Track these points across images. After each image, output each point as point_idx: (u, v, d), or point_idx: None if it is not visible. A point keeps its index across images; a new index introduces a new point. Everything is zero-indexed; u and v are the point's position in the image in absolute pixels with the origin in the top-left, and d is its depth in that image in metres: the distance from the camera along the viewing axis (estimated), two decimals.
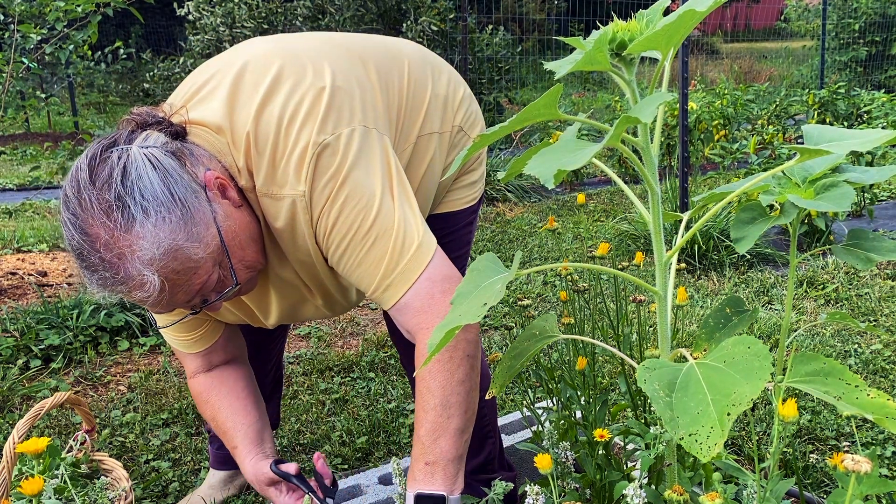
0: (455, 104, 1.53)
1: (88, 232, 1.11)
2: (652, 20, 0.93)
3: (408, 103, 1.43)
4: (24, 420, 1.44)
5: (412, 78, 1.45)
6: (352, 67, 1.36)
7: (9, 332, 2.91)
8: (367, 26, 7.46)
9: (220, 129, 1.25)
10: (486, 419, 1.69)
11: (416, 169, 1.45)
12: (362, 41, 1.47)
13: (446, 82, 1.53)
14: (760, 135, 6.23)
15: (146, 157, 1.13)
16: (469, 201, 1.60)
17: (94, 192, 1.10)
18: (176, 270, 1.14)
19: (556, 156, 0.85)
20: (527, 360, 1.07)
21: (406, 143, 1.42)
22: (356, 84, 1.33)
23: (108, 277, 1.12)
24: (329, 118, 1.25)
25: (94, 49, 4.65)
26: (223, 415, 1.55)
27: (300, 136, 1.22)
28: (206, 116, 1.26)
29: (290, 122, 1.23)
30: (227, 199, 1.22)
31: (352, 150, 1.24)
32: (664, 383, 0.84)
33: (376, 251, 1.24)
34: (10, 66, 3.66)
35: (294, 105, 1.24)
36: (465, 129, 1.54)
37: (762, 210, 1.09)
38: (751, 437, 2.14)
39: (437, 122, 1.48)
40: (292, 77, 1.28)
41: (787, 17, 12.92)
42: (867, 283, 3.39)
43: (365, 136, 1.28)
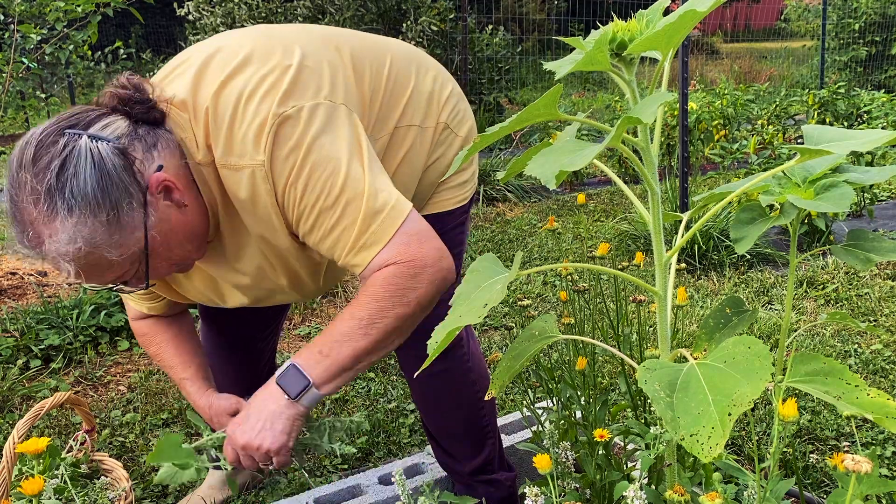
0: (441, 101, 1.52)
1: (18, 205, 1.16)
2: (652, 20, 0.93)
3: (386, 92, 1.43)
4: (23, 420, 1.44)
5: (393, 70, 1.46)
6: (325, 51, 1.37)
7: (9, 332, 2.91)
8: (367, 26, 7.46)
9: (184, 104, 1.26)
10: (485, 419, 1.69)
11: (391, 158, 1.44)
12: (344, 32, 1.48)
13: (432, 79, 1.53)
14: (760, 135, 6.23)
15: (90, 153, 1.14)
16: (459, 201, 1.59)
17: (30, 175, 1.13)
18: (90, 264, 1.18)
19: (557, 156, 0.85)
20: (526, 360, 1.07)
21: (382, 130, 1.42)
22: (327, 65, 1.34)
23: (27, 249, 1.17)
24: (293, 93, 1.26)
25: (94, 49, 4.65)
26: (169, 353, 1.58)
27: (260, 107, 1.23)
28: (171, 93, 1.28)
29: (250, 95, 1.25)
30: (171, 201, 1.23)
31: (315, 121, 1.25)
32: (665, 384, 0.84)
33: (348, 216, 1.23)
34: (10, 66, 3.66)
35: (257, 80, 1.26)
36: (452, 127, 1.53)
37: (762, 210, 1.09)
38: (751, 437, 2.14)
39: (419, 116, 1.47)
40: (260, 56, 1.30)
41: (787, 17, 12.93)
42: (867, 283, 3.39)
43: (332, 110, 1.28)
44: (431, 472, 1.82)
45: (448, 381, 1.63)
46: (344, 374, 1.27)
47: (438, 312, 1.56)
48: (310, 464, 2.13)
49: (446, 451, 1.72)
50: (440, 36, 7.59)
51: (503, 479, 1.73)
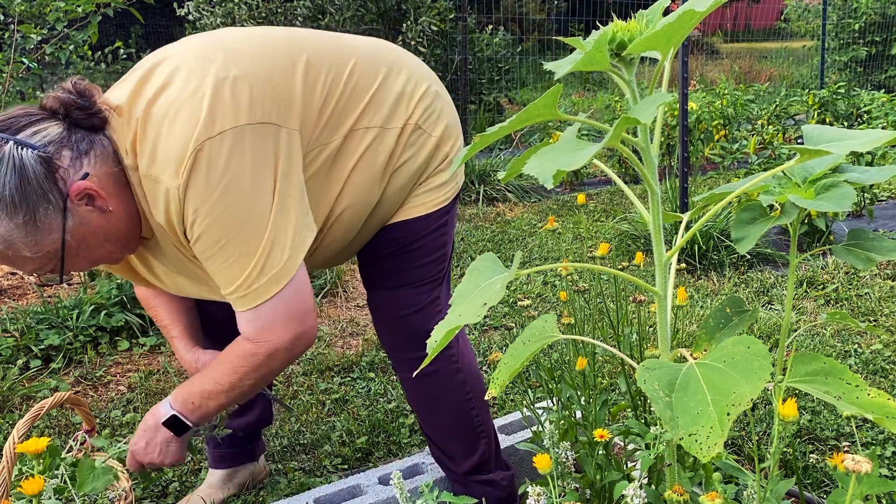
0: (412, 102, 1.51)
1: None
2: (652, 20, 0.93)
3: (342, 96, 1.44)
4: (24, 420, 1.44)
5: (355, 73, 1.46)
6: (274, 60, 1.38)
7: (9, 332, 2.91)
8: (367, 26, 7.46)
9: (120, 109, 1.32)
10: (477, 419, 1.69)
11: (345, 161, 1.45)
12: (308, 38, 1.49)
13: (404, 80, 1.52)
14: (760, 135, 6.23)
15: (13, 159, 1.21)
16: (438, 204, 1.58)
17: None
18: (7, 257, 1.28)
19: (555, 156, 0.85)
20: (526, 360, 1.07)
21: (334, 134, 1.43)
22: (271, 76, 1.35)
23: None
24: (220, 112, 1.28)
25: (94, 49, 4.65)
26: (162, 313, 1.68)
27: (185, 128, 1.27)
28: (111, 98, 1.34)
29: (177, 112, 1.28)
30: (94, 206, 1.29)
31: (237, 150, 1.29)
32: (664, 383, 0.84)
33: (238, 267, 1.32)
34: (10, 66, 3.66)
35: (186, 97, 1.29)
36: (425, 128, 1.52)
37: (763, 210, 1.09)
38: (751, 437, 2.14)
39: (380, 118, 1.47)
40: (197, 70, 1.32)
41: (787, 17, 12.92)
42: (867, 283, 3.39)
43: (255, 134, 1.31)
44: (431, 473, 1.82)
45: (438, 382, 1.63)
46: (215, 413, 1.51)
47: (422, 316, 1.58)
48: (310, 464, 2.14)
49: (442, 451, 1.72)
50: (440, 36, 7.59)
51: (499, 479, 1.73)
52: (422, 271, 1.59)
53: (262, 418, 1.96)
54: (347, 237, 1.53)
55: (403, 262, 1.58)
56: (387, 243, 1.57)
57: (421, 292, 1.58)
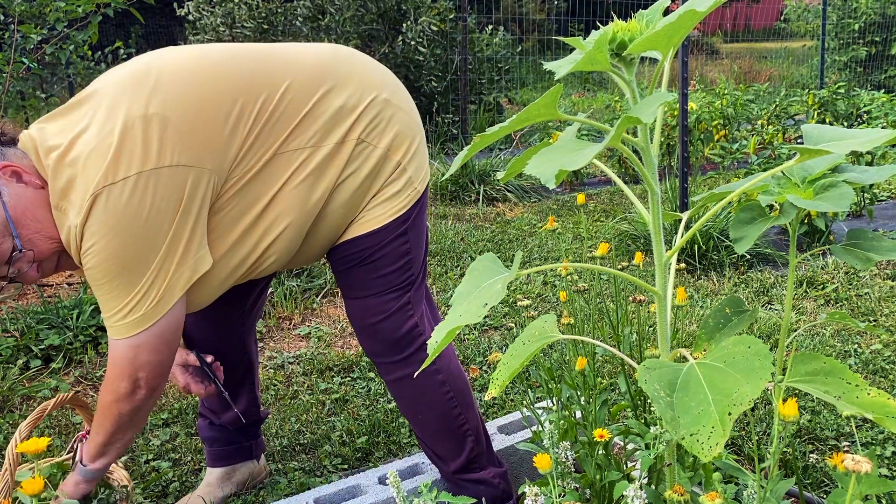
0: (353, 116, 1.50)
1: None
2: (652, 20, 0.94)
3: (267, 123, 1.44)
4: (26, 422, 1.45)
5: (287, 96, 1.45)
6: (196, 90, 1.40)
7: (9, 332, 2.91)
8: (368, 26, 7.46)
9: (33, 137, 1.41)
10: (461, 418, 1.68)
11: (271, 183, 1.46)
12: (242, 60, 1.49)
13: (347, 94, 1.50)
14: (760, 135, 6.23)
15: None
16: (394, 213, 1.56)
17: None
18: None
19: (556, 156, 0.85)
20: (526, 360, 1.07)
21: (252, 160, 1.44)
22: (186, 109, 1.38)
23: None
24: (124, 157, 1.34)
25: (94, 49, 4.65)
26: None
27: (92, 169, 1.33)
28: (33, 127, 1.44)
29: (91, 152, 1.35)
30: (24, 182, 1.38)
31: (136, 197, 1.35)
32: (664, 383, 0.84)
33: (112, 301, 1.42)
34: (10, 66, 3.66)
35: (102, 136, 1.35)
36: (369, 140, 1.51)
37: (761, 210, 1.09)
38: (751, 437, 2.14)
39: (313, 137, 1.47)
40: (115, 106, 1.37)
41: (787, 17, 12.92)
42: (867, 283, 3.39)
43: (158, 178, 1.36)
44: (430, 473, 1.82)
45: (416, 384, 1.63)
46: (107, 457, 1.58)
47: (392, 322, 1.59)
48: (310, 464, 2.14)
49: (432, 451, 1.73)
50: (440, 36, 7.59)
51: (491, 477, 1.72)
52: (386, 280, 1.59)
53: (249, 410, 1.95)
54: (292, 250, 1.54)
55: (367, 273, 1.58)
56: (348, 257, 1.59)
57: (388, 300, 1.59)
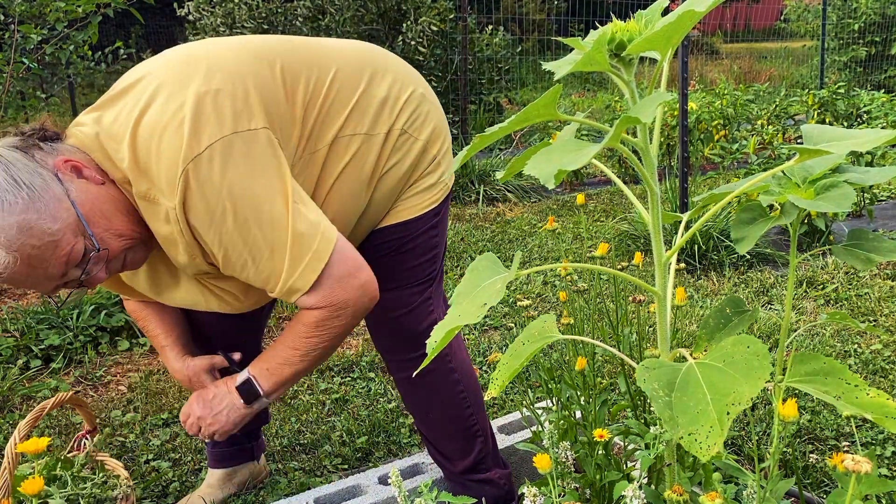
0: (397, 107, 1.51)
1: None
2: (651, 20, 0.94)
3: (325, 104, 1.43)
4: (25, 421, 1.44)
5: (338, 80, 1.45)
6: (253, 69, 1.38)
7: (9, 332, 2.91)
8: (367, 26, 7.46)
9: (97, 133, 1.32)
10: (472, 419, 1.68)
11: (332, 168, 1.45)
12: (286, 46, 1.48)
13: (388, 85, 1.51)
14: (760, 135, 6.22)
15: None
16: (428, 205, 1.57)
17: None
18: (35, 246, 1.22)
19: (556, 156, 0.85)
20: (526, 360, 1.07)
21: (320, 142, 1.43)
22: (251, 85, 1.35)
23: None
24: (203, 127, 1.28)
25: (94, 49, 4.65)
26: (153, 323, 1.66)
27: (171, 146, 1.27)
28: (87, 119, 1.35)
29: (162, 131, 1.28)
30: (84, 178, 1.29)
31: (229, 159, 1.28)
32: (663, 383, 0.84)
33: (274, 262, 1.32)
34: (10, 66, 3.66)
35: (169, 115, 1.28)
36: (410, 132, 1.52)
37: (762, 210, 1.09)
38: (751, 437, 2.14)
39: (366, 124, 1.47)
40: (178, 86, 1.32)
41: (787, 17, 12.92)
42: (867, 284, 3.39)
43: (245, 141, 1.31)
44: (431, 472, 1.82)
45: (432, 382, 1.63)
46: (286, 385, 1.50)
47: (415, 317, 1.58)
48: (310, 464, 2.14)
49: (438, 451, 1.73)
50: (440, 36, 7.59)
51: (497, 478, 1.73)
52: (413, 273, 1.59)
53: (259, 416, 1.95)
54: None
55: (396, 264, 1.58)
56: (379, 246, 1.57)
57: (412, 293, 1.59)
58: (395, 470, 1.12)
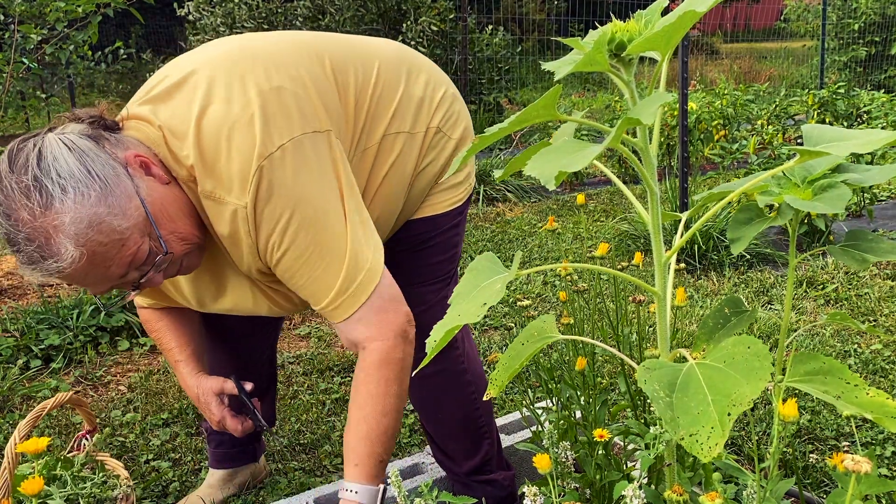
0: (433, 105, 1.51)
1: (12, 216, 1.14)
2: (650, 20, 0.93)
3: (373, 101, 1.42)
4: (25, 421, 1.44)
5: (382, 76, 1.44)
6: (306, 64, 1.35)
7: (9, 332, 2.91)
8: (367, 26, 7.46)
9: (160, 126, 1.27)
10: (481, 420, 1.69)
11: (380, 167, 1.44)
12: (330, 40, 1.46)
13: (424, 83, 1.51)
14: (760, 135, 6.22)
15: (61, 141, 1.17)
16: (454, 203, 1.58)
17: (13, 177, 1.14)
18: (102, 243, 1.17)
19: (556, 156, 0.85)
20: (525, 360, 1.07)
21: (371, 140, 1.42)
22: (309, 82, 1.33)
23: (34, 256, 1.15)
24: (274, 124, 1.25)
25: (94, 49, 4.65)
26: (168, 336, 1.61)
27: (243, 143, 1.23)
28: (147, 113, 1.28)
29: (232, 127, 1.24)
30: (152, 175, 1.24)
31: (299, 162, 1.26)
32: (664, 384, 0.84)
33: (329, 275, 1.29)
34: (10, 66, 3.66)
35: (237, 111, 1.25)
36: (445, 131, 1.52)
37: (759, 211, 1.09)
38: (751, 437, 2.14)
39: (408, 122, 1.46)
40: (236, 81, 1.28)
41: (787, 17, 12.91)
42: (867, 284, 3.39)
43: (313, 143, 1.28)
44: (431, 473, 1.82)
45: (443, 381, 1.63)
46: (385, 459, 1.36)
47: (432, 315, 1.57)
48: (310, 464, 2.14)
49: (444, 451, 1.72)
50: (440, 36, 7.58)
51: (501, 479, 1.73)
52: (434, 269, 1.59)
53: (268, 421, 1.96)
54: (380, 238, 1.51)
55: (418, 259, 1.58)
56: (403, 240, 1.57)
57: (430, 291, 1.58)
58: (394, 470, 1.12)
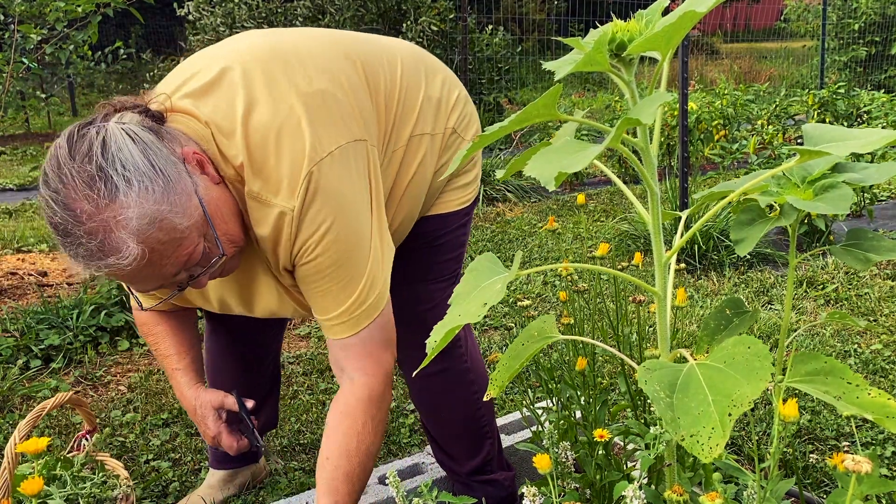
0: (449, 106, 1.51)
1: (71, 206, 1.08)
2: (651, 20, 0.93)
3: (400, 103, 1.42)
4: (25, 421, 1.44)
5: (405, 76, 1.44)
6: (341, 67, 1.34)
7: (9, 332, 2.91)
8: (367, 26, 7.46)
9: (207, 122, 1.24)
10: (483, 419, 1.69)
11: (406, 169, 1.44)
12: (354, 39, 1.45)
13: (440, 84, 1.51)
14: (760, 135, 6.22)
15: (124, 132, 1.12)
16: (462, 203, 1.59)
17: (74, 165, 1.08)
18: (161, 241, 1.13)
19: (557, 157, 0.84)
20: (525, 360, 1.06)
21: (399, 142, 1.42)
22: (346, 84, 1.32)
23: (93, 251, 1.10)
24: (322, 129, 1.24)
25: (94, 49, 4.65)
26: (166, 343, 1.55)
27: (294, 147, 1.21)
28: (190, 107, 1.25)
29: (279, 132, 1.22)
30: (206, 174, 1.21)
31: (343, 174, 1.25)
32: (665, 384, 0.84)
33: (344, 292, 1.29)
34: (10, 66, 3.66)
35: (283, 114, 1.23)
36: (459, 132, 1.53)
37: (761, 211, 1.09)
38: (751, 437, 2.14)
39: (430, 123, 1.47)
40: (278, 82, 1.26)
41: (787, 17, 12.91)
42: (867, 283, 3.38)
43: (355, 153, 1.28)
44: (431, 472, 1.82)
45: (446, 381, 1.63)
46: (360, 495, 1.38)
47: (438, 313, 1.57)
48: (310, 464, 2.13)
49: (445, 451, 1.72)
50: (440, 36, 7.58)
51: (502, 479, 1.73)
52: (442, 267, 1.59)
53: (268, 423, 1.96)
54: (398, 240, 1.51)
55: (427, 257, 1.58)
56: (413, 237, 1.56)
57: (438, 289, 1.59)
58: (392, 471, 1.12)
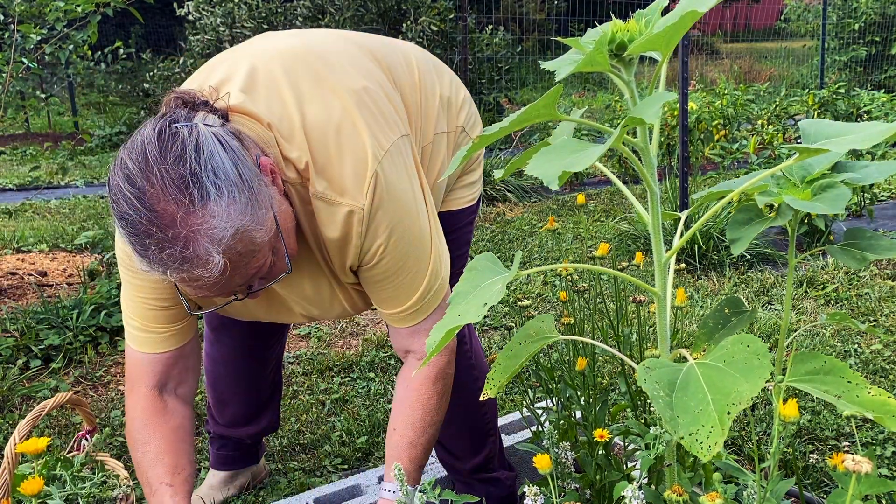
0: (458, 105, 1.54)
1: (157, 208, 1.03)
2: (651, 20, 0.93)
3: (422, 102, 1.44)
4: (25, 421, 1.44)
5: (422, 79, 1.46)
6: (368, 64, 1.35)
7: (9, 332, 2.91)
8: (367, 26, 7.46)
9: (269, 124, 1.21)
10: (486, 417, 1.69)
11: (433, 166, 1.46)
12: (370, 40, 1.46)
13: (449, 84, 1.54)
14: (760, 135, 6.22)
15: (215, 136, 1.08)
16: (469, 201, 1.62)
17: (165, 166, 1.03)
18: (239, 252, 1.09)
19: (559, 156, 0.84)
20: (524, 361, 1.06)
21: (425, 140, 1.44)
22: (382, 81, 1.34)
23: (175, 256, 1.04)
24: (376, 128, 1.24)
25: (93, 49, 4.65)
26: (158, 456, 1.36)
27: (355, 145, 1.21)
28: (250, 107, 1.21)
29: (338, 131, 1.21)
30: (276, 185, 1.17)
31: (399, 168, 1.26)
32: (664, 383, 0.84)
33: (414, 284, 1.31)
34: (10, 66, 3.66)
35: (338, 113, 1.22)
36: (467, 130, 1.56)
37: (759, 211, 1.09)
38: (751, 437, 2.14)
39: (444, 122, 1.49)
40: (316, 79, 1.25)
41: (787, 17, 12.92)
42: (867, 284, 3.38)
43: (405, 147, 1.30)
44: (432, 472, 1.82)
45: None
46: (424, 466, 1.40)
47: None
48: (310, 464, 2.13)
49: (447, 449, 1.72)
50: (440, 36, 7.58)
51: (503, 478, 1.73)
52: None
53: (270, 426, 1.96)
54: None
55: None
56: None
57: None
58: (397, 464, 1.11)
